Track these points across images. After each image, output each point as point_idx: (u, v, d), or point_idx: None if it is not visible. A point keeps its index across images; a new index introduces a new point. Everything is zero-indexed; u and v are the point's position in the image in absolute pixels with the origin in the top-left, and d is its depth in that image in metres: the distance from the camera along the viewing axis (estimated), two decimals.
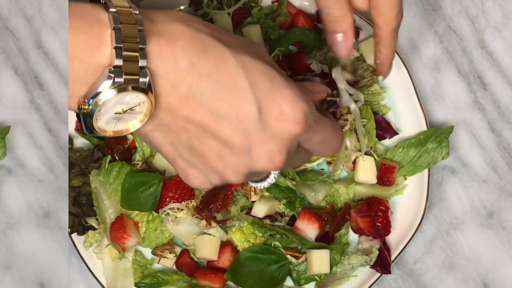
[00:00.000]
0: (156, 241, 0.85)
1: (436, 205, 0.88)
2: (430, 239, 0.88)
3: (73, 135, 0.87)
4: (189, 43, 0.53)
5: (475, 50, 0.91)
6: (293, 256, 0.83)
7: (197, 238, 0.83)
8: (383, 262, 0.83)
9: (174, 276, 0.85)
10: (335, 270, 0.84)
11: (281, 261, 0.82)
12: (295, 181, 0.83)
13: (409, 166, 0.85)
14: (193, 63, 0.53)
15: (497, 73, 0.90)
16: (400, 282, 0.87)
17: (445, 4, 0.92)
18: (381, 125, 0.86)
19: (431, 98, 0.90)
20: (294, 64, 0.86)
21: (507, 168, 0.89)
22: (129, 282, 0.84)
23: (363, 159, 0.84)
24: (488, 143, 0.89)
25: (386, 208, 0.84)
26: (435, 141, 0.84)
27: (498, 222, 0.88)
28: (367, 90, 0.87)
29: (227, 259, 0.83)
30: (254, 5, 0.88)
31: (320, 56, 0.88)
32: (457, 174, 0.89)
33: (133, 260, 0.85)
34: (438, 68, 0.91)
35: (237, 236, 0.83)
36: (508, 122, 0.90)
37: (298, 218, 0.83)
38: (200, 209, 0.83)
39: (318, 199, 0.84)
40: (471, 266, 0.87)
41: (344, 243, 0.85)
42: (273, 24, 0.89)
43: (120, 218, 0.82)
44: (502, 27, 0.91)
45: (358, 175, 0.84)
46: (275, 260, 0.81)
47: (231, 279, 0.81)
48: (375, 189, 0.85)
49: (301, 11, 0.88)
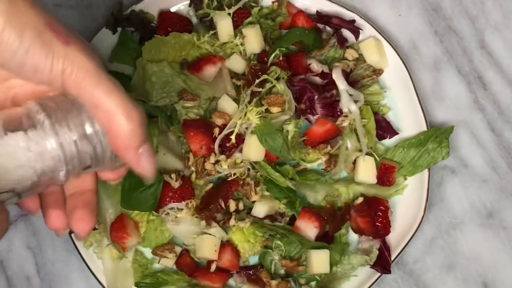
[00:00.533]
0: (156, 241, 0.85)
1: (436, 205, 0.88)
2: (430, 239, 0.88)
3: None
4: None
5: (475, 50, 0.91)
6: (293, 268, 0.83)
7: (197, 238, 0.84)
8: (383, 262, 0.83)
9: (174, 276, 0.85)
10: (335, 270, 0.84)
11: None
12: (295, 181, 0.83)
13: (409, 166, 0.85)
14: None
15: (497, 73, 0.90)
16: (400, 282, 0.87)
17: (445, 4, 0.92)
18: (381, 125, 0.86)
19: (431, 98, 0.90)
20: (294, 64, 0.86)
21: (507, 168, 0.89)
22: (129, 282, 0.84)
23: (363, 159, 0.84)
24: (488, 143, 0.89)
25: (386, 208, 0.84)
26: (435, 141, 0.84)
27: (498, 222, 0.88)
28: (367, 90, 0.87)
29: (227, 259, 0.83)
30: (254, 5, 0.88)
31: (320, 56, 0.88)
32: (457, 174, 0.89)
33: (133, 260, 0.85)
34: (438, 68, 0.91)
35: (237, 236, 0.83)
36: (508, 122, 0.90)
37: (298, 217, 0.83)
38: (200, 209, 0.83)
39: (318, 199, 0.84)
40: (471, 266, 0.87)
41: (344, 243, 0.85)
42: (273, 24, 0.89)
43: (120, 218, 0.82)
44: (502, 27, 0.91)
45: (358, 175, 0.84)
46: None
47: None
48: (375, 189, 0.85)
49: (301, 11, 0.88)
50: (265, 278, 0.84)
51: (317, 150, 0.84)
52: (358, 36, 0.87)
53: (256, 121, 0.82)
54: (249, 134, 0.83)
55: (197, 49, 0.86)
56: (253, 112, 0.82)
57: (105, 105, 0.48)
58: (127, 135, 0.49)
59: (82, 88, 0.47)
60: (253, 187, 0.82)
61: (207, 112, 0.86)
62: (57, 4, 0.92)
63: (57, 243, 0.88)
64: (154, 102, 0.85)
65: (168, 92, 0.85)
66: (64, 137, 0.48)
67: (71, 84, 0.47)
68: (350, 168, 0.85)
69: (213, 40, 0.86)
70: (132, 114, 0.48)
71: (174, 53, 0.86)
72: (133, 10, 0.88)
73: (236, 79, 0.86)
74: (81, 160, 0.49)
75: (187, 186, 0.83)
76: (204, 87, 0.85)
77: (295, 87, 0.84)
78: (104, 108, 0.48)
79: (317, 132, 0.84)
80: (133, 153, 0.50)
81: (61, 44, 0.47)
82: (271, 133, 0.81)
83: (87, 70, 0.47)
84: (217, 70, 0.85)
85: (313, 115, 0.85)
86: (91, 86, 0.47)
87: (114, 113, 0.48)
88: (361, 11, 0.90)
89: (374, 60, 0.87)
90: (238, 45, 0.86)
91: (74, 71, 0.47)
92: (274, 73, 0.84)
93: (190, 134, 0.84)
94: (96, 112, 0.48)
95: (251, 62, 0.86)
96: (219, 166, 0.83)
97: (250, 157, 0.82)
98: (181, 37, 0.86)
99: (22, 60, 0.46)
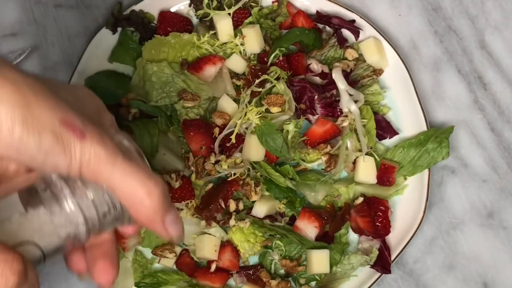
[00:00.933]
0: (156, 240, 0.85)
1: (436, 205, 0.88)
2: (430, 239, 0.88)
3: None
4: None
5: (475, 50, 0.91)
6: (293, 268, 0.83)
7: (197, 238, 0.84)
8: (383, 262, 0.83)
9: (174, 276, 0.85)
10: (335, 270, 0.84)
11: None
12: (295, 181, 0.83)
13: (409, 166, 0.85)
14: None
15: (497, 73, 0.90)
16: (400, 282, 0.87)
17: (445, 4, 0.92)
18: (381, 125, 0.86)
19: (431, 98, 0.90)
20: (294, 64, 0.86)
21: (507, 168, 0.89)
22: (129, 282, 0.84)
23: (364, 159, 0.84)
24: (488, 143, 0.89)
25: (386, 208, 0.84)
26: (435, 141, 0.84)
27: (498, 222, 0.88)
28: (367, 90, 0.87)
29: (227, 259, 0.83)
30: (254, 5, 0.88)
31: (320, 56, 0.88)
32: (457, 174, 0.89)
33: (133, 260, 0.85)
34: (438, 68, 0.91)
35: (237, 236, 0.83)
36: (508, 122, 0.90)
37: (298, 217, 0.83)
38: (200, 209, 0.83)
39: (318, 199, 0.84)
40: (471, 266, 0.87)
41: (344, 243, 0.85)
42: (273, 24, 0.89)
43: None
44: (502, 27, 0.91)
45: (358, 175, 0.84)
46: None
47: None
48: (375, 189, 0.85)
49: (301, 11, 0.88)
50: (265, 278, 0.84)
51: (317, 150, 0.84)
52: (358, 36, 0.87)
53: (256, 121, 0.82)
54: (249, 134, 0.83)
55: (197, 49, 0.86)
56: (253, 112, 0.82)
57: (122, 189, 0.48)
58: (150, 211, 0.49)
59: (98, 176, 0.48)
60: (253, 187, 0.82)
61: (207, 112, 0.86)
62: (57, 4, 0.92)
63: None
64: (154, 102, 0.85)
65: (168, 92, 0.85)
66: (85, 202, 0.49)
67: (87, 173, 0.48)
68: (350, 168, 0.85)
69: (213, 40, 0.86)
70: (151, 191, 0.49)
71: (174, 53, 0.86)
72: (133, 10, 0.88)
73: (236, 79, 0.86)
74: (101, 222, 0.50)
75: (187, 186, 0.83)
76: (204, 87, 0.85)
77: (295, 87, 0.84)
78: (122, 191, 0.49)
79: (317, 132, 0.84)
80: (158, 225, 0.51)
81: (78, 140, 0.47)
82: (271, 133, 0.81)
83: (102, 158, 0.48)
84: (217, 70, 0.85)
85: (313, 115, 0.85)
86: (107, 173, 0.48)
87: (133, 194, 0.48)
88: (361, 11, 0.90)
89: (374, 60, 0.87)
90: (238, 45, 0.86)
91: (90, 162, 0.47)
92: (274, 73, 0.84)
93: (190, 134, 0.84)
94: (116, 193, 0.49)
95: (251, 62, 0.86)
96: (219, 166, 0.83)
97: (250, 157, 0.82)
98: (181, 37, 0.86)
99: (41, 162, 0.47)
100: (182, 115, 0.85)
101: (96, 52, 0.88)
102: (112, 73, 0.88)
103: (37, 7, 0.92)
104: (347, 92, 0.85)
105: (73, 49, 0.91)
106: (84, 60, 0.87)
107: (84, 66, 0.87)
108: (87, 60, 0.87)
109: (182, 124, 0.84)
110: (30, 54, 0.91)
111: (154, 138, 0.84)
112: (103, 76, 0.87)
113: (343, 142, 0.84)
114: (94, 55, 0.88)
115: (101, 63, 0.88)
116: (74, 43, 0.91)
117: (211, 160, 0.83)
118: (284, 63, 0.85)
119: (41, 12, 0.92)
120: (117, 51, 0.88)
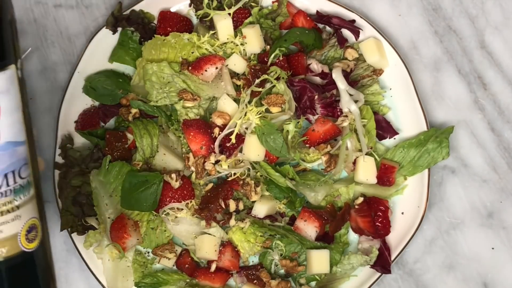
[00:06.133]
0: (156, 241, 0.85)
1: (436, 205, 0.88)
2: (430, 239, 0.88)
3: (73, 134, 0.87)
4: None
5: (475, 50, 0.91)
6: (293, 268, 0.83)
7: (197, 238, 0.84)
8: (383, 262, 0.83)
9: (174, 276, 0.85)
10: (335, 270, 0.84)
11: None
12: (295, 181, 0.83)
13: (409, 166, 0.85)
14: None
15: (497, 73, 0.90)
16: (400, 282, 0.87)
17: (445, 4, 0.92)
18: (381, 125, 0.86)
19: (431, 98, 0.90)
20: (294, 64, 0.86)
21: (507, 168, 0.89)
22: (129, 281, 0.84)
23: (364, 159, 0.84)
24: (488, 143, 0.89)
25: (386, 208, 0.84)
26: (435, 141, 0.84)
27: (498, 222, 0.88)
28: (367, 90, 0.87)
29: (227, 259, 0.83)
30: (254, 5, 0.88)
31: (320, 56, 0.88)
32: (457, 174, 0.89)
33: (133, 260, 0.85)
34: (438, 68, 0.91)
35: (237, 236, 0.83)
36: (508, 122, 0.90)
37: (298, 217, 0.83)
38: (200, 209, 0.83)
39: (318, 199, 0.84)
40: (471, 266, 0.87)
41: (344, 243, 0.85)
42: (273, 24, 0.89)
43: (120, 218, 0.82)
44: (502, 27, 0.91)
45: (358, 175, 0.84)
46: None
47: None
48: (375, 189, 0.85)
49: (301, 11, 0.88)
50: (265, 278, 0.84)
51: (317, 150, 0.84)
52: (358, 36, 0.87)
53: (256, 121, 0.82)
54: (249, 134, 0.83)
55: (197, 49, 0.86)
56: (253, 112, 0.82)
57: None
58: None
59: None
60: (253, 187, 0.82)
61: (207, 112, 0.86)
62: (57, 4, 0.92)
63: (57, 243, 0.88)
64: (154, 102, 0.85)
65: (168, 92, 0.85)
66: None
67: None
68: (350, 168, 0.85)
69: (213, 40, 0.86)
70: None
71: (174, 53, 0.86)
72: (133, 10, 0.88)
73: (236, 79, 0.86)
74: None
75: (187, 186, 0.83)
76: (204, 87, 0.85)
77: (295, 87, 0.84)
78: None
79: (317, 132, 0.84)
80: None
81: None
82: (271, 133, 0.81)
83: None
84: (217, 70, 0.85)
85: (313, 115, 0.85)
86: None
87: None
88: (361, 11, 0.90)
89: (374, 60, 0.87)
90: (238, 45, 0.86)
91: None
92: (274, 73, 0.84)
93: (190, 134, 0.84)
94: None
95: (251, 62, 0.86)
96: (219, 166, 0.83)
97: (250, 157, 0.82)
98: (181, 37, 0.86)
99: None
100: (182, 115, 0.85)
101: (96, 52, 0.88)
102: (112, 73, 0.88)
103: (37, 7, 0.92)
104: (347, 92, 0.85)
105: (73, 49, 0.91)
106: (84, 60, 0.87)
107: (84, 66, 0.87)
108: (87, 60, 0.87)
109: (182, 124, 0.84)
110: (30, 54, 0.91)
111: (154, 138, 0.84)
112: (103, 76, 0.87)
113: (343, 142, 0.84)
114: (94, 55, 0.88)
115: (101, 63, 0.88)
116: (74, 43, 0.91)
117: (211, 160, 0.83)
118: (284, 63, 0.85)
119: (41, 12, 0.92)
120: (117, 51, 0.88)
